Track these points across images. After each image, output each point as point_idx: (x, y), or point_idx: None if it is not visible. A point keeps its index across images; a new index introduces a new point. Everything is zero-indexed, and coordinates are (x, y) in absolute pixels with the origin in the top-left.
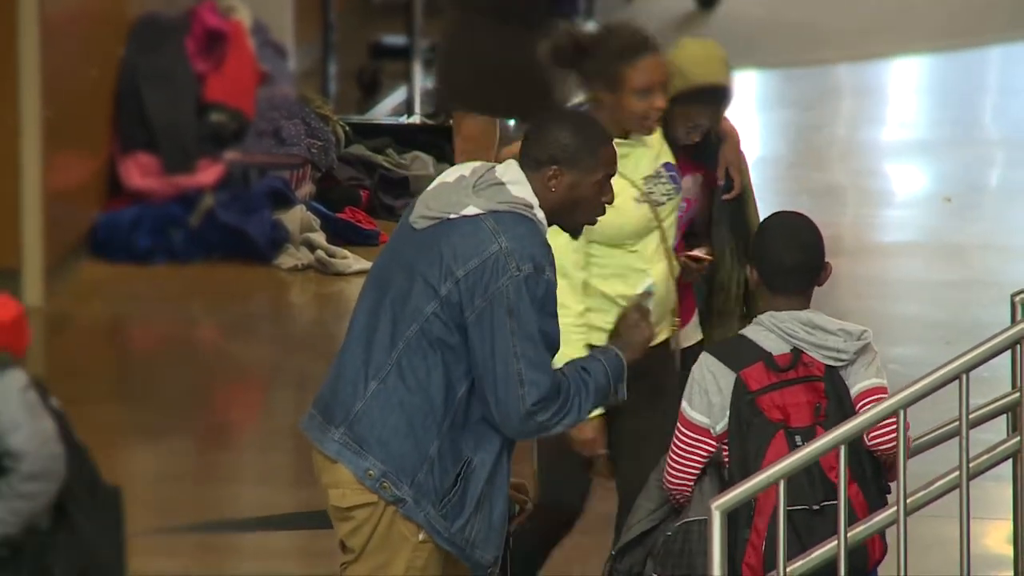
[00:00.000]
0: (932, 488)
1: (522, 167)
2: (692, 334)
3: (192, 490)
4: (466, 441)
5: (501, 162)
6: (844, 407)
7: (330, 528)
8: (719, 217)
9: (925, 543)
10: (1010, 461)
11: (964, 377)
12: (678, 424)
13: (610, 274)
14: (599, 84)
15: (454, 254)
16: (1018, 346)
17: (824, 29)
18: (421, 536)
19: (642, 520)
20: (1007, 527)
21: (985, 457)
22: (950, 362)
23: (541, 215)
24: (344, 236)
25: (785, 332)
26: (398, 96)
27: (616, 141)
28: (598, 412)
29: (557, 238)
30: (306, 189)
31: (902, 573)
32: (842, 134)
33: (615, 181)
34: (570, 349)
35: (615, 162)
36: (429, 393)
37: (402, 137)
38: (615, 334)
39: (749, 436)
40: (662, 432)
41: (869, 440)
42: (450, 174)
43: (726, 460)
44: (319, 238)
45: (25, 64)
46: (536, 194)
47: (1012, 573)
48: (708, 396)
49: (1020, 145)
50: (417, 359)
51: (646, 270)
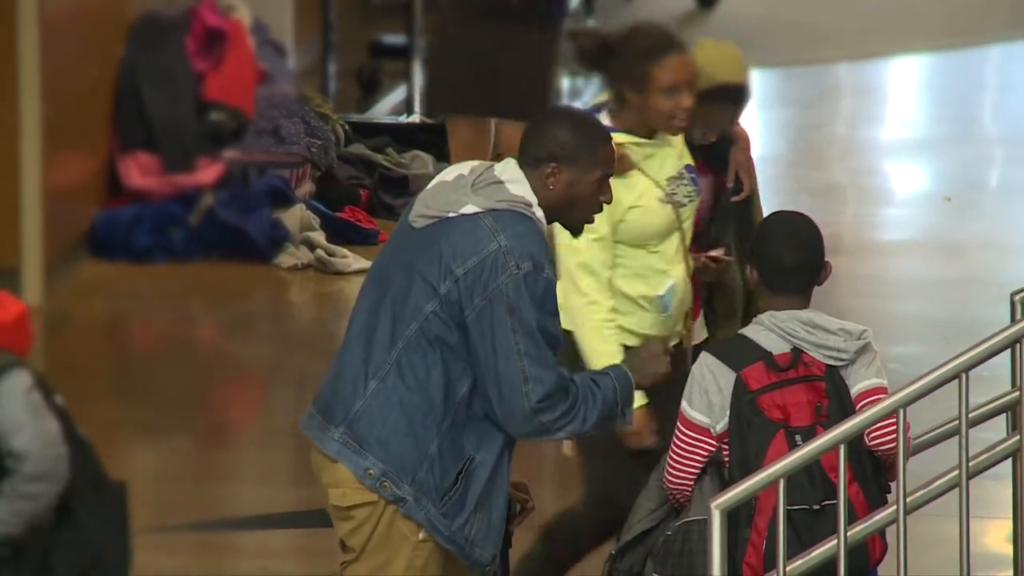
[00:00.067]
0: (932, 487)
1: (521, 165)
2: (699, 332)
3: (191, 489)
4: (468, 439)
5: (503, 144)
6: (845, 407)
7: (329, 527)
8: (724, 218)
9: (925, 542)
10: (1010, 460)
11: (964, 376)
12: (678, 424)
13: (632, 274)
14: (626, 84)
15: (453, 253)
16: (1018, 345)
17: (824, 28)
18: (421, 535)
19: (642, 520)
20: (1007, 526)
21: (985, 456)
22: (950, 361)
23: (540, 213)
24: (344, 235)
25: (785, 331)
26: (398, 95)
27: (641, 141)
28: (643, 402)
29: (583, 236)
30: (306, 188)
31: (902, 572)
32: (842, 133)
33: (641, 181)
34: (606, 345)
35: (613, 161)
36: (429, 392)
37: (402, 136)
38: (633, 355)
39: (749, 436)
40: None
41: (869, 440)
42: (449, 173)
43: (726, 460)
44: (319, 237)
45: (25, 63)
46: (535, 192)
47: (1012, 572)
48: (708, 396)
49: (1019, 143)
50: (417, 358)
51: (667, 271)
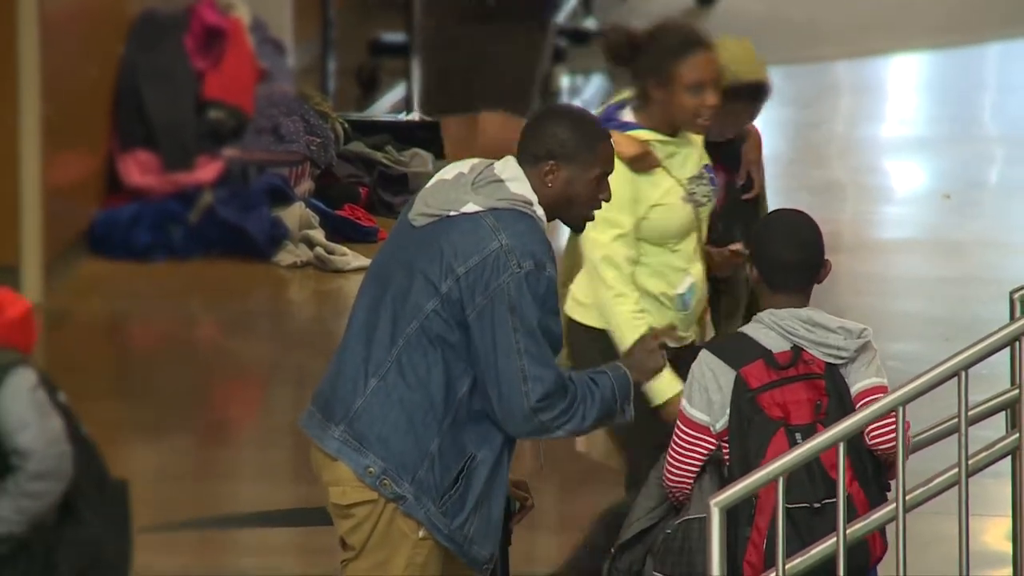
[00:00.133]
0: (931, 485)
1: (520, 163)
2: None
3: (191, 487)
4: (469, 437)
5: (483, 133)
6: (845, 405)
7: (329, 525)
8: (732, 215)
9: (924, 540)
10: (1009, 458)
11: (963, 374)
12: (677, 422)
13: (652, 272)
14: (650, 80)
15: (454, 251)
16: (1017, 343)
17: (823, 26)
18: (421, 533)
19: (641, 518)
20: (1006, 524)
21: (984, 454)
22: (949, 359)
23: (541, 212)
24: (343, 233)
25: (785, 330)
26: (397, 93)
27: (664, 139)
28: (679, 389)
29: (607, 231)
30: (305, 186)
31: (901, 570)
32: (841, 131)
33: (666, 179)
34: (638, 334)
35: (613, 159)
36: (429, 390)
37: (401, 134)
38: (628, 354)
39: (750, 434)
40: None
41: (869, 440)
42: (449, 171)
43: (726, 458)
44: (318, 235)
45: (25, 62)
46: (534, 190)
47: (1011, 570)
48: (708, 394)
49: (1019, 142)
50: (417, 356)
51: (687, 269)
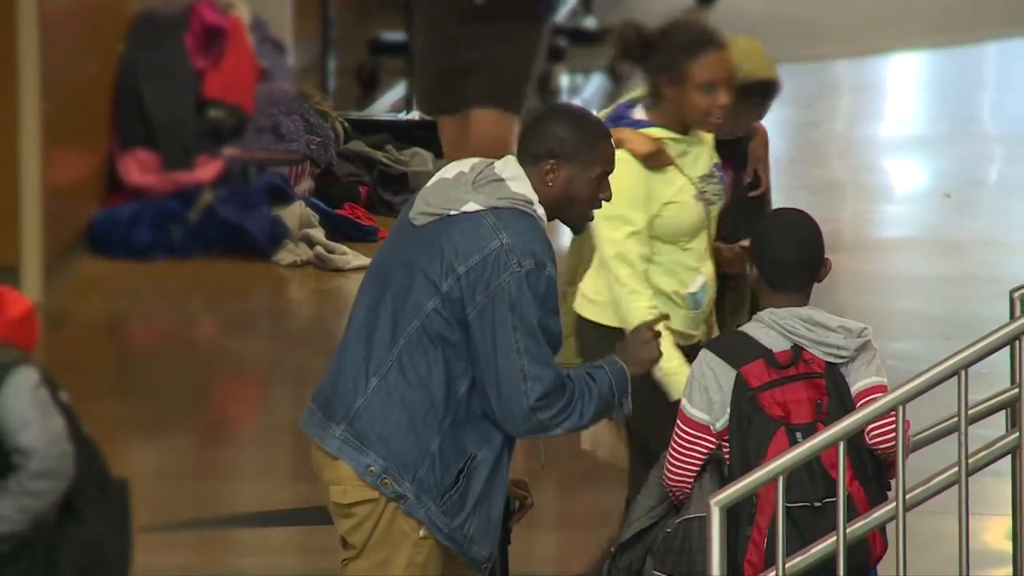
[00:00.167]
0: (931, 484)
1: (520, 162)
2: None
3: (191, 486)
4: (469, 436)
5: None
6: (845, 404)
7: (329, 524)
8: (739, 212)
9: (924, 539)
10: (1009, 457)
11: (963, 373)
12: (678, 421)
13: (664, 271)
14: (663, 78)
15: (455, 250)
16: (1017, 342)
17: (823, 25)
18: (422, 532)
19: (641, 517)
20: (1006, 523)
21: (984, 453)
22: (949, 358)
23: (541, 211)
24: (343, 232)
25: (785, 329)
26: (397, 92)
27: (676, 138)
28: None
29: (620, 229)
30: (305, 185)
31: (901, 569)
32: (841, 130)
33: (679, 177)
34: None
35: (613, 159)
36: (430, 389)
37: (401, 133)
38: (623, 347)
39: (750, 433)
40: None
41: (870, 439)
42: (449, 170)
43: (726, 457)
44: (318, 234)
45: (24, 60)
46: (534, 189)
47: (1011, 569)
48: (708, 393)
49: (1018, 141)
50: (418, 355)
51: (698, 268)
